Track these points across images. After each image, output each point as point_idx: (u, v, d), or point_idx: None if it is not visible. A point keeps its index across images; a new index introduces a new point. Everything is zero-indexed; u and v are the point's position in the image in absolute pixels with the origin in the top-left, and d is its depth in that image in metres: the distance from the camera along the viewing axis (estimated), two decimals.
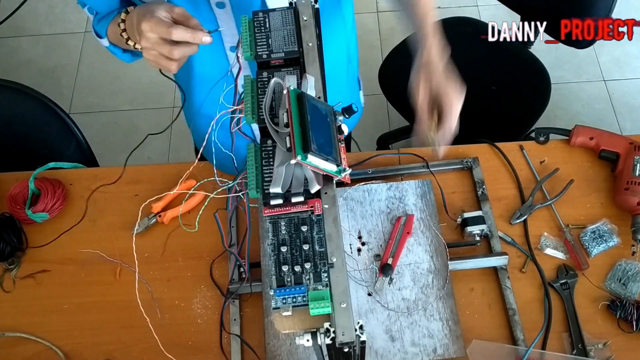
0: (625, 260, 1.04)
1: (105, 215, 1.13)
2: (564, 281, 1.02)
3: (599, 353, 0.96)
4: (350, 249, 1.05)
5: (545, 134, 1.17)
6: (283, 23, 0.81)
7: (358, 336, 0.65)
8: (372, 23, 2.45)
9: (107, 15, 1.06)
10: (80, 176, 1.18)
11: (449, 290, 1.01)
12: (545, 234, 1.07)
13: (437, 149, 0.97)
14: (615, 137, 1.12)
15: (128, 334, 1.03)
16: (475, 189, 1.12)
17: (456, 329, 0.98)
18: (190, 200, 1.12)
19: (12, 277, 1.08)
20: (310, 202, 0.71)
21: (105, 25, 1.05)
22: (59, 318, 1.05)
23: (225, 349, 1.00)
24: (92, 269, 1.08)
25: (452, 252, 1.05)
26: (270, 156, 0.74)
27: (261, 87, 0.78)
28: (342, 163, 0.70)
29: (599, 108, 2.21)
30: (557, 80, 2.16)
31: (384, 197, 1.10)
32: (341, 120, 0.73)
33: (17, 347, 1.02)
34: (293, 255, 0.70)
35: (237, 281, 1.03)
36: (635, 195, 1.04)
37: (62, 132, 1.34)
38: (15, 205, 1.11)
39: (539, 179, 1.12)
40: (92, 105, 2.32)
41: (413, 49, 0.97)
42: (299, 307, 0.68)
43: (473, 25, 1.73)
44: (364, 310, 1.00)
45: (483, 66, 1.66)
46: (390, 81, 1.69)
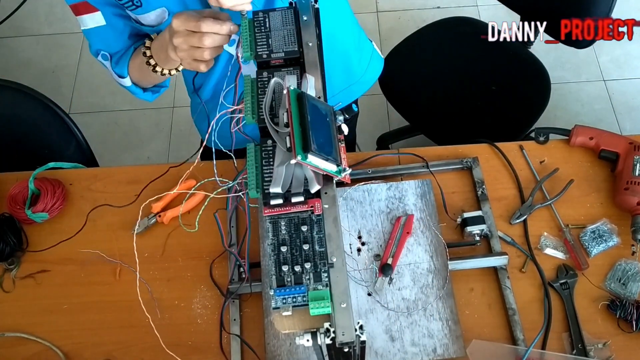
0: (625, 260, 1.04)
1: (105, 215, 1.13)
2: (564, 281, 1.02)
3: (599, 353, 0.96)
4: (350, 249, 1.05)
5: (545, 134, 1.17)
6: (283, 23, 0.81)
7: (358, 336, 0.65)
8: (372, 23, 2.45)
9: (122, 54, 1.09)
10: (80, 176, 1.18)
11: (448, 290, 1.01)
12: (545, 234, 1.07)
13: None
14: (615, 137, 1.12)
15: (128, 334, 1.02)
16: (475, 189, 1.12)
17: (456, 329, 0.98)
18: (190, 200, 1.12)
19: (12, 277, 1.08)
20: (310, 202, 0.71)
21: (125, 64, 1.08)
22: (59, 318, 1.05)
23: (225, 349, 1.00)
24: (92, 269, 1.08)
25: (452, 252, 1.05)
26: (270, 156, 0.74)
27: (261, 87, 0.78)
28: (342, 163, 0.70)
29: (599, 108, 2.21)
30: (557, 80, 2.16)
31: (383, 197, 1.10)
32: (341, 120, 0.73)
33: (17, 347, 1.02)
34: (293, 255, 0.70)
35: (237, 281, 1.03)
36: (635, 195, 1.04)
37: (62, 132, 1.34)
38: (15, 205, 1.11)
39: (538, 179, 1.12)
40: (92, 105, 2.32)
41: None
42: (299, 307, 0.68)
43: (473, 25, 1.73)
44: (364, 310, 1.00)
45: (483, 66, 1.66)
46: (390, 81, 1.69)
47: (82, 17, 1.04)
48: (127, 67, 1.08)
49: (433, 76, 1.68)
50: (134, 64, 1.08)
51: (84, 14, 1.04)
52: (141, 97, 1.16)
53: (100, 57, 1.10)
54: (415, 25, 2.10)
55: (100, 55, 1.10)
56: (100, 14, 1.03)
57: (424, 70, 1.69)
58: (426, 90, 1.66)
